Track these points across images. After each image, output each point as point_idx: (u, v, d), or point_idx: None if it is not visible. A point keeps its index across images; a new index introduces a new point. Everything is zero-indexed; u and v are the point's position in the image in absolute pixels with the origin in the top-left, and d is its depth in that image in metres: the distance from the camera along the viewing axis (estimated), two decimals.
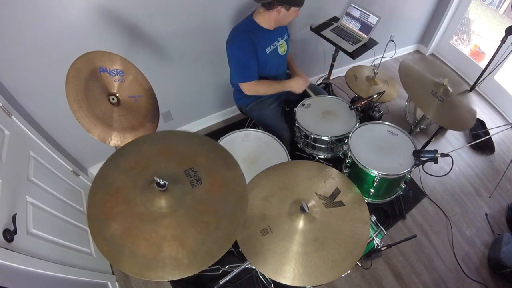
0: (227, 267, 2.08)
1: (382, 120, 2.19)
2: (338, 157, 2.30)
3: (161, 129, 2.87)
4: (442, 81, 2.14)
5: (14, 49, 1.77)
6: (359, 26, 2.72)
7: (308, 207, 1.39)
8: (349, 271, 1.33)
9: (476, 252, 2.55)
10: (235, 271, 1.88)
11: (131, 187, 1.23)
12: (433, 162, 1.80)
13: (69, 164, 2.34)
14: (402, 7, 3.59)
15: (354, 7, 2.72)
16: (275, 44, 2.15)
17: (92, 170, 2.74)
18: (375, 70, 2.77)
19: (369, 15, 2.64)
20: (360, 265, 1.90)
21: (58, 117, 2.13)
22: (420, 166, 1.96)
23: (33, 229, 1.59)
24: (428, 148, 2.77)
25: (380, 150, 2.00)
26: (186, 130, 3.12)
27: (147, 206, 1.17)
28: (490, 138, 3.20)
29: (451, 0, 3.76)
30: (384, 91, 2.26)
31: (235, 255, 2.19)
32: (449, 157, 1.80)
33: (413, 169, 1.91)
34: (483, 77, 2.49)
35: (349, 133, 2.08)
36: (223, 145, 2.00)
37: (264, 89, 2.17)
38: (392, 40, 2.65)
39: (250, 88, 2.14)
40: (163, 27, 2.20)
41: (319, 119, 2.25)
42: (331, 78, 3.27)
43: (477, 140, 2.95)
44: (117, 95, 1.64)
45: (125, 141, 1.61)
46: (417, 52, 4.56)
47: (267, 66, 2.16)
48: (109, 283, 2.09)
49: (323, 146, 2.24)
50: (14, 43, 1.75)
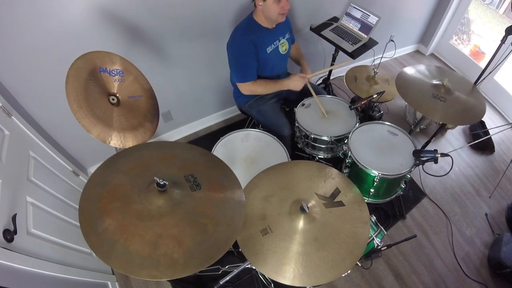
0: (227, 267, 2.08)
1: (382, 120, 2.19)
2: (338, 157, 2.29)
3: (161, 129, 2.90)
4: (441, 82, 2.15)
5: (14, 49, 1.77)
6: (359, 26, 2.71)
7: (308, 207, 1.40)
8: (349, 271, 1.33)
9: (476, 252, 2.55)
10: (235, 271, 1.88)
11: (130, 185, 1.23)
12: (433, 162, 1.80)
13: (69, 164, 2.34)
14: (402, 7, 3.59)
15: (354, 7, 2.71)
16: (276, 43, 2.14)
17: (92, 170, 2.73)
18: (375, 70, 2.77)
19: (369, 15, 2.63)
20: (360, 265, 1.90)
21: (58, 117, 2.13)
22: (420, 166, 1.96)
23: (33, 229, 1.59)
24: (428, 148, 2.77)
25: (380, 150, 2.00)
26: (186, 130, 3.15)
27: (145, 205, 1.17)
28: (490, 138, 3.20)
29: (451, 0, 3.76)
30: (384, 91, 2.26)
31: (235, 255, 2.19)
32: (449, 157, 1.80)
33: (413, 169, 1.91)
34: (483, 77, 2.49)
35: (349, 133, 2.08)
36: (223, 145, 2.04)
37: (262, 89, 2.18)
38: (392, 40, 2.65)
39: (248, 88, 2.15)
40: (163, 27, 2.20)
41: (319, 119, 2.25)
42: (331, 78, 3.27)
43: (477, 140, 2.94)
44: (117, 95, 1.64)
45: (125, 141, 1.61)
46: (417, 52, 4.55)
47: (268, 66, 2.16)
48: (109, 283, 2.09)
49: (323, 146, 2.24)
50: (14, 43, 1.75)
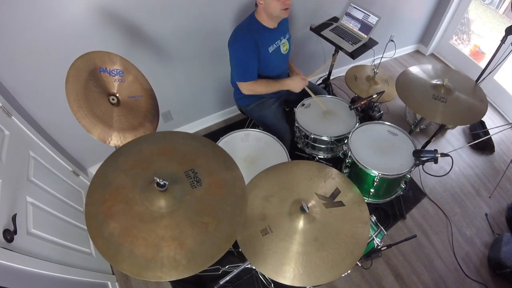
0: (227, 267, 2.08)
1: (382, 120, 2.19)
2: (338, 157, 2.30)
3: (161, 129, 2.89)
4: (442, 82, 2.14)
5: (14, 49, 1.77)
6: (359, 26, 2.72)
7: (308, 207, 1.40)
8: (349, 271, 1.33)
9: (476, 252, 2.55)
10: (235, 271, 1.88)
11: (131, 186, 1.23)
12: (433, 162, 1.80)
13: (69, 164, 2.35)
14: (402, 7, 3.59)
15: (354, 7, 2.72)
16: (277, 43, 2.14)
17: (92, 170, 2.74)
18: (375, 70, 2.78)
19: (369, 15, 2.64)
20: (360, 265, 1.90)
21: (58, 117, 2.13)
22: (420, 166, 1.96)
23: (33, 229, 1.60)
24: (428, 148, 2.78)
25: (380, 150, 2.00)
26: (186, 130, 3.13)
27: (147, 206, 1.17)
28: (490, 138, 3.21)
29: (451, 0, 3.77)
30: (384, 91, 2.26)
31: (235, 255, 2.20)
32: (449, 157, 1.80)
33: (413, 169, 1.91)
34: (483, 77, 2.49)
35: (349, 133, 2.08)
36: (223, 145, 2.03)
37: (262, 89, 2.17)
38: (392, 40, 2.65)
39: (248, 87, 2.15)
40: (163, 27, 2.20)
41: (319, 119, 2.26)
42: (331, 78, 3.27)
43: (477, 140, 2.94)
44: (117, 95, 1.64)
45: (125, 141, 1.61)
46: (417, 52, 4.56)
47: (269, 65, 2.16)
48: (109, 283, 2.10)
49: (323, 146, 2.24)
50: (14, 43, 1.75)
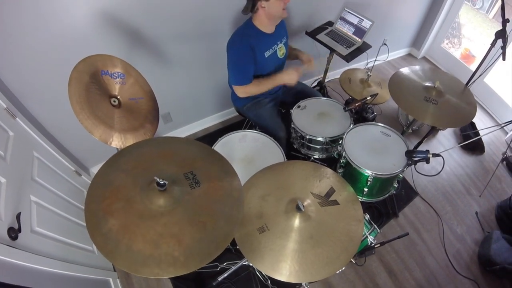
0: (225, 264, 2.11)
1: (375, 122, 2.22)
2: (333, 157, 2.33)
3: (161, 130, 2.93)
4: (433, 84, 2.17)
5: (19, 52, 1.79)
6: (353, 30, 2.76)
7: (303, 206, 1.43)
8: (343, 268, 1.35)
9: (466, 249, 2.60)
10: (233, 268, 1.92)
11: (131, 185, 1.26)
12: (425, 162, 1.84)
13: (71, 164, 2.37)
14: (395, 12, 3.65)
15: (348, 12, 2.76)
16: (274, 48, 2.17)
17: (94, 170, 2.76)
18: (369, 73, 2.82)
19: (363, 20, 2.68)
20: (354, 262, 1.91)
21: (61, 119, 2.16)
22: (412, 166, 1.99)
23: (37, 227, 1.62)
24: (420, 148, 2.81)
25: (374, 150, 2.04)
26: (185, 131, 3.18)
27: (146, 204, 1.20)
28: (480, 139, 3.26)
29: (443, 5, 3.84)
30: (377, 93, 2.30)
31: (232, 252, 2.23)
32: (441, 157, 1.84)
33: (405, 169, 1.95)
34: (473, 79, 2.53)
35: (343, 134, 2.12)
36: (221, 146, 2.07)
37: (256, 89, 2.18)
38: (385, 44, 2.71)
39: (243, 90, 2.17)
40: (163, 31, 2.24)
41: (314, 120, 2.29)
42: (326, 80, 3.31)
43: (467, 141, 2.98)
44: (118, 97, 1.67)
45: (126, 142, 1.64)
46: (409, 55, 4.62)
47: (265, 70, 2.19)
48: (110, 280, 2.12)
49: (318, 147, 2.27)
50: (18, 47, 1.77)
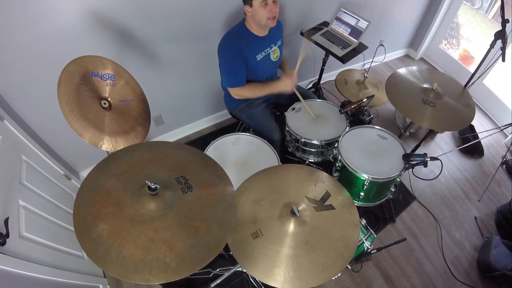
0: (218, 270, 2.09)
1: (372, 124, 2.21)
2: (328, 161, 2.30)
3: (152, 133, 2.91)
4: (431, 86, 2.14)
5: (6, 53, 1.77)
6: (349, 30, 2.73)
7: (298, 211, 1.41)
8: (339, 274, 1.33)
9: (465, 255, 2.57)
10: (226, 274, 1.89)
11: (122, 189, 1.23)
12: (422, 166, 1.82)
13: (61, 168, 2.34)
14: (392, 12, 3.63)
15: (344, 12, 2.73)
16: (267, 51, 2.16)
17: (84, 174, 2.73)
18: (365, 74, 2.80)
19: (359, 20, 2.65)
20: (350, 268, 1.91)
21: (50, 121, 2.13)
22: (410, 170, 1.98)
23: (25, 233, 1.59)
24: (417, 151, 2.79)
25: (370, 153, 2.02)
26: (177, 134, 3.15)
27: (137, 209, 1.17)
28: (479, 142, 3.25)
29: (441, 5, 3.83)
30: (374, 95, 2.28)
31: (226, 258, 2.20)
32: (439, 160, 1.82)
33: (402, 172, 1.93)
34: (472, 81, 2.51)
35: (339, 137, 2.10)
36: (214, 148, 2.04)
37: (251, 93, 2.18)
38: (382, 45, 2.69)
39: (237, 92, 2.16)
40: (155, 32, 2.22)
41: (309, 123, 2.27)
42: (321, 82, 3.30)
43: (466, 144, 2.98)
44: (109, 99, 1.65)
45: (117, 145, 1.62)
46: (407, 56, 4.61)
47: (257, 73, 2.17)
48: (100, 286, 2.09)
49: (313, 150, 2.26)
50: (6, 47, 1.75)
